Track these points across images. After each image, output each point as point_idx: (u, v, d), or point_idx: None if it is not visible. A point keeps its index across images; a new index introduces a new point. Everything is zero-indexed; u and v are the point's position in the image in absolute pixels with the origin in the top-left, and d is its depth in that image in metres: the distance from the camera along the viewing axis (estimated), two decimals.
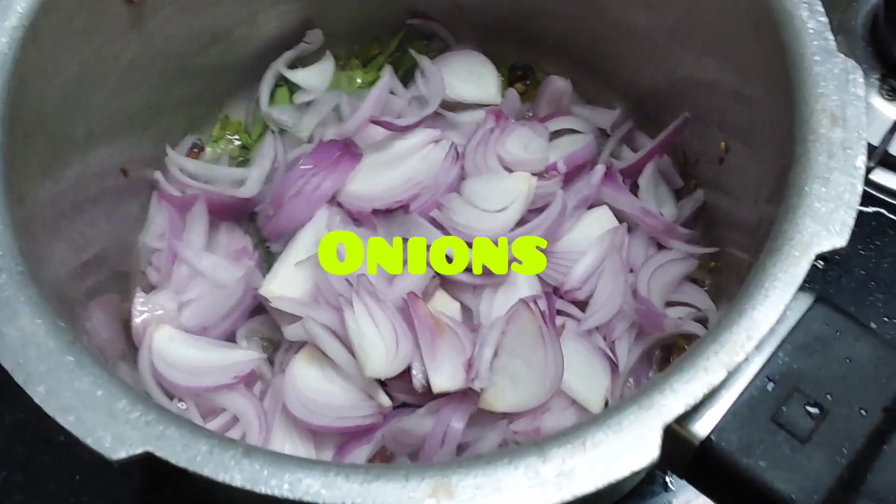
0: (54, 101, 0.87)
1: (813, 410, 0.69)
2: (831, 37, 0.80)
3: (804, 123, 0.76)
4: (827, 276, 1.17)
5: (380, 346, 0.93)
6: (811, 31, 0.80)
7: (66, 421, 0.66)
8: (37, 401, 0.67)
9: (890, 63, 1.28)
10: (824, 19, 0.80)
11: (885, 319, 1.14)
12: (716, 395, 0.69)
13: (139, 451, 0.65)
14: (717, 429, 0.68)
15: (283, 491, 0.62)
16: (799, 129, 0.76)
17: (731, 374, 0.66)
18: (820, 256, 0.71)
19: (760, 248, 0.75)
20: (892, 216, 1.21)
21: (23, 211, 0.78)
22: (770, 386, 0.70)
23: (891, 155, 1.22)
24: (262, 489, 0.62)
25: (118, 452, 0.65)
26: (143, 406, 0.67)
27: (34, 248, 0.77)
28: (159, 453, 0.64)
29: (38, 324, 0.70)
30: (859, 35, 1.32)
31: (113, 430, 0.65)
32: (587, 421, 0.66)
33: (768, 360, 0.71)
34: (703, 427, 0.69)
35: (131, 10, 0.94)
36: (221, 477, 0.63)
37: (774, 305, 0.68)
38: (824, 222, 0.72)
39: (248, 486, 0.62)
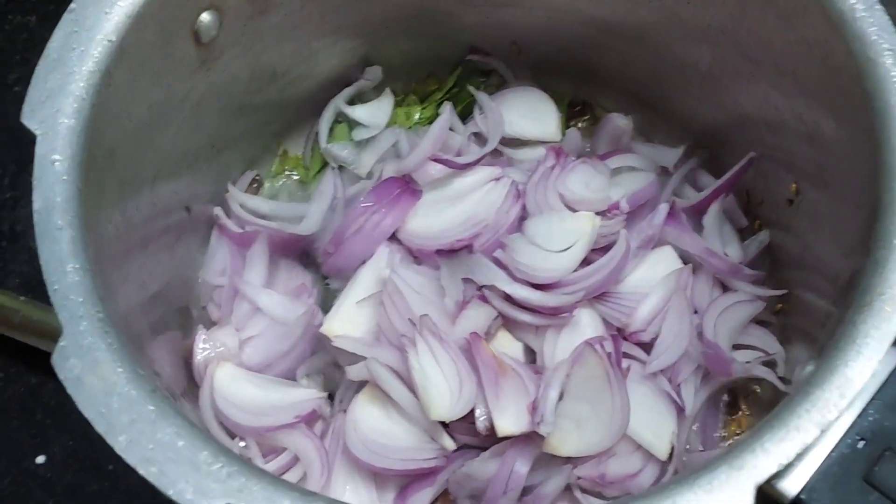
0: (126, 142, 0.87)
1: None
2: None
3: (891, 172, 0.75)
4: None
5: (444, 387, 0.92)
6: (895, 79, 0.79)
7: (149, 472, 0.66)
8: (118, 451, 0.67)
9: None
10: None
11: None
12: (806, 452, 0.67)
13: (221, 503, 0.64)
14: (808, 488, 0.67)
15: None
16: (885, 178, 0.76)
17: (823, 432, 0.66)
18: None
19: (846, 301, 0.74)
20: None
21: (96, 251, 0.78)
22: (861, 444, 0.69)
23: None
24: None
25: None
26: (224, 458, 0.67)
27: (108, 289, 0.77)
28: None
29: (120, 372, 0.70)
30: None
31: (195, 483, 0.66)
32: (676, 480, 0.65)
33: (858, 417, 0.70)
34: (793, 485, 0.68)
35: (200, 52, 0.94)
36: None
37: (867, 362, 0.68)
38: None
39: None
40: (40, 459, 1.19)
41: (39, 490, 1.17)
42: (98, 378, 0.69)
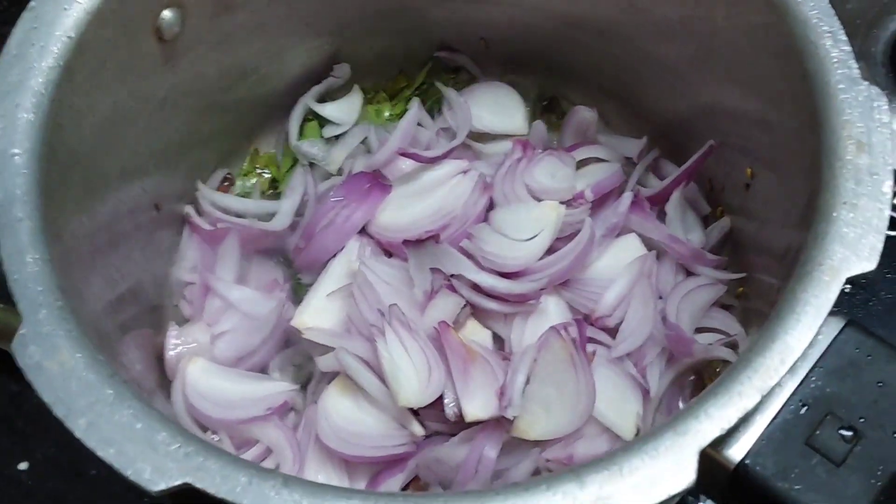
0: (89, 139, 0.88)
1: (846, 434, 0.69)
2: (855, 65, 0.80)
3: (830, 150, 0.77)
4: (854, 300, 1.17)
5: (412, 375, 0.93)
6: (835, 60, 0.81)
7: (107, 453, 0.67)
8: (77, 434, 0.68)
9: None
10: (848, 48, 0.81)
11: None
12: (750, 419, 0.69)
13: (178, 482, 0.65)
14: (752, 453, 0.69)
15: None
16: (826, 156, 0.77)
17: (765, 399, 0.67)
18: (849, 280, 0.71)
19: (789, 273, 0.76)
20: None
21: (60, 246, 0.79)
22: (803, 410, 0.70)
23: None
24: None
25: (158, 484, 0.66)
26: (181, 438, 0.68)
27: (72, 283, 0.79)
28: (199, 484, 0.65)
29: (78, 358, 0.71)
30: (879, 62, 1.33)
31: (153, 462, 0.66)
32: (623, 447, 0.67)
33: (801, 385, 0.71)
34: (738, 451, 0.69)
35: (164, 49, 0.96)
36: None
37: (806, 330, 0.69)
38: (853, 247, 0.73)
39: None
40: (22, 466, 1.19)
41: (22, 497, 1.18)
42: (57, 364, 0.70)
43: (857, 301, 1.17)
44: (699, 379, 1.04)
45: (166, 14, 0.94)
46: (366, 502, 0.64)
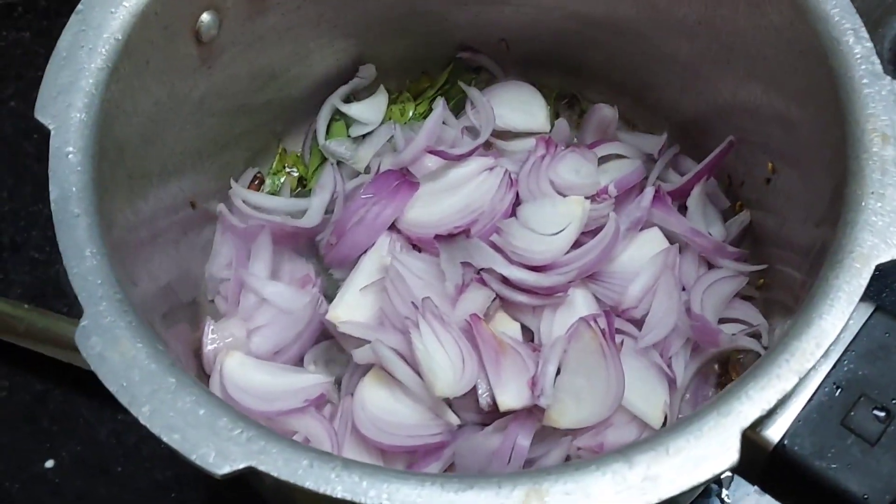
0: (133, 137, 0.91)
1: (880, 414, 0.72)
2: (877, 60, 0.84)
3: (856, 143, 0.80)
4: (877, 285, 1.19)
5: (447, 366, 0.96)
6: (858, 56, 0.84)
7: (172, 439, 0.69)
8: (142, 421, 0.70)
9: None
10: (869, 44, 0.84)
11: None
12: (787, 401, 0.72)
13: (242, 465, 0.67)
14: (789, 434, 0.71)
15: (383, 500, 0.65)
16: (852, 149, 0.80)
17: (802, 381, 0.70)
18: (878, 267, 0.74)
19: (817, 264, 0.78)
20: None
21: (112, 241, 0.82)
22: (838, 392, 0.73)
23: None
24: (363, 500, 0.65)
25: (222, 468, 0.68)
26: (243, 423, 0.70)
27: (127, 276, 0.81)
28: (262, 467, 0.67)
29: (140, 347, 0.73)
30: (886, 59, 1.36)
31: (216, 447, 0.68)
32: (669, 428, 0.70)
33: (834, 367, 0.74)
34: (775, 432, 0.72)
35: (201, 51, 0.98)
36: (323, 489, 0.66)
37: (840, 314, 0.72)
38: (882, 235, 0.75)
39: (349, 497, 0.65)
40: (49, 464, 1.21)
41: (48, 495, 1.20)
42: (119, 354, 0.72)
43: (880, 286, 1.19)
44: (723, 368, 1.06)
45: (205, 17, 0.97)
46: (422, 483, 0.66)
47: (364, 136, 1.23)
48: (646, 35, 1.13)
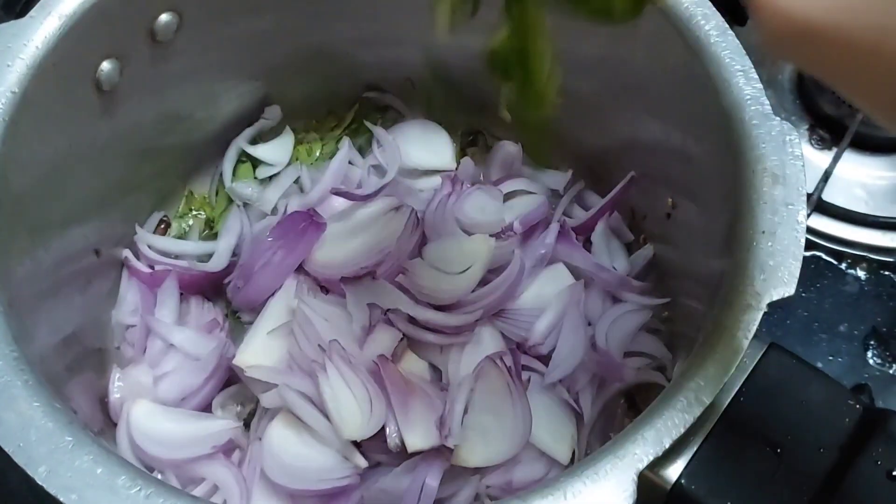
0: (34, 187, 0.90)
1: (774, 452, 0.74)
2: (767, 101, 0.86)
3: (747, 182, 0.83)
4: (772, 319, 1.22)
5: (355, 408, 0.96)
6: (748, 97, 0.86)
7: (69, 499, 0.68)
8: (39, 481, 0.69)
9: (817, 114, 1.36)
10: (759, 85, 0.87)
11: (830, 358, 1.20)
12: (684, 440, 0.73)
13: None
14: (686, 473, 0.73)
15: None
16: (743, 188, 0.83)
17: (697, 421, 0.72)
18: (770, 304, 0.76)
19: (713, 298, 0.80)
20: (828, 259, 1.27)
21: (9, 294, 0.81)
22: (733, 430, 0.75)
23: (824, 201, 1.28)
24: None
25: None
26: (142, 481, 0.70)
27: (23, 330, 0.80)
28: None
29: (36, 406, 0.72)
30: (787, 88, 1.40)
31: None
32: (566, 472, 0.71)
33: (729, 405, 0.75)
34: (673, 472, 0.73)
35: (102, 99, 0.98)
36: None
37: (733, 354, 0.74)
38: (773, 274, 0.78)
39: None
40: None
41: None
42: (16, 413, 0.72)
43: (774, 320, 1.22)
44: (631, 401, 1.08)
45: (105, 65, 0.96)
46: None
47: (271, 177, 1.23)
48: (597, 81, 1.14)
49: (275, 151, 1.24)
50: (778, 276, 0.78)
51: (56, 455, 0.70)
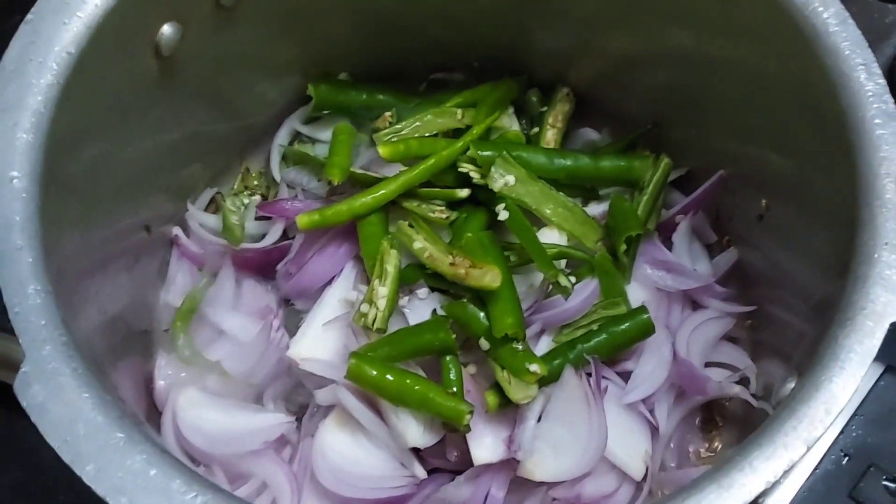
0: (86, 159, 0.84)
1: (891, 485, 0.67)
2: (891, 99, 0.78)
3: (868, 188, 0.75)
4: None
5: (417, 413, 0.90)
6: (870, 93, 0.78)
7: (119, 503, 0.63)
8: (86, 481, 0.64)
9: None
10: (882, 81, 0.79)
11: None
12: (791, 469, 0.66)
13: None
14: None
15: None
16: (862, 194, 0.75)
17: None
18: (892, 325, 0.69)
19: (817, 313, 0.74)
20: None
21: (58, 274, 0.75)
22: (845, 460, 0.68)
23: None
24: None
25: None
26: (198, 486, 0.65)
27: (72, 312, 0.75)
28: None
29: (86, 398, 0.67)
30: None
31: None
32: (663, 499, 0.64)
33: (842, 433, 0.70)
34: (778, 503, 0.67)
35: (161, 66, 0.91)
36: None
37: (851, 377, 0.67)
38: None
39: None
40: None
41: None
42: (63, 404, 0.66)
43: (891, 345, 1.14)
44: (706, 413, 1.01)
45: (166, 29, 0.89)
46: None
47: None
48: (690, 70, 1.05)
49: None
50: None
51: (106, 453, 0.65)
